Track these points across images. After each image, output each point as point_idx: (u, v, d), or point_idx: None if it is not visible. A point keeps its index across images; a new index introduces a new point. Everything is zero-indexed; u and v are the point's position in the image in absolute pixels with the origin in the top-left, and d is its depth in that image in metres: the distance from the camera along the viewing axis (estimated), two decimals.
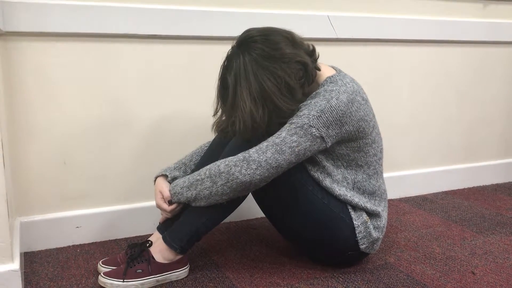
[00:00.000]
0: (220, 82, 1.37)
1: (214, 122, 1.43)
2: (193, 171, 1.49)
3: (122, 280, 1.33)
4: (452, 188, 2.34)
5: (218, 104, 1.39)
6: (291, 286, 1.38)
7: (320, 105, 1.28)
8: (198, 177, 1.33)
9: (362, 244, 1.41)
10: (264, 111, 1.28)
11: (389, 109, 2.12)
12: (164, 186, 1.42)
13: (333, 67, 1.43)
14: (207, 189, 1.30)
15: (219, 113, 1.40)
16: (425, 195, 2.25)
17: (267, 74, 1.28)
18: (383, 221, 1.45)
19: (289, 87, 1.30)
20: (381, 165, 1.46)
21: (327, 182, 1.37)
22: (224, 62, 1.36)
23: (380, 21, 1.98)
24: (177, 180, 1.40)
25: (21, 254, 1.45)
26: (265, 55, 1.28)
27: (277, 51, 1.28)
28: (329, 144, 1.30)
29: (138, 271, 1.35)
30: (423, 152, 2.25)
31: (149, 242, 1.42)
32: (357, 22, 1.94)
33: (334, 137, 1.30)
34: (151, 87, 1.68)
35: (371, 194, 1.43)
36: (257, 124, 1.28)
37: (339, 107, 1.28)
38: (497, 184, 2.43)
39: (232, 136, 1.37)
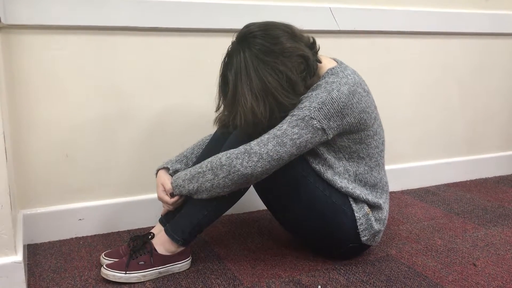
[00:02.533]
0: (221, 79, 1.37)
1: (216, 117, 1.43)
2: (194, 164, 1.49)
3: (124, 272, 1.34)
4: (454, 181, 2.33)
5: (220, 100, 1.39)
6: (292, 278, 1.39)
7: (321, 97, 1.28)
8: (199, 170, 1.33)
9: (363, 236, 1.41)
10: (265, 106, 1.28)
11: (391, 101, 2.11)
12: (165, 179, 1.43)
13: (334, 59, 1.42)
14: (209, 181, 1.30)
15: (221, 109, 1.40)
16: (427, 187, 2.25)
17: (268, 70, 1.27)
18: (385, 213, 1.45)
19: (290, 82, 1.29)
20: (383, 157, 1.46)
21: (328, 174, 1.37)
22: (224, 58, 1.35)
23: (382, 13, 1.97)
24: (178, 172, 1.41)
25: (24, 246, 1.46)
26: (266, 50, 1.27)
27: (278, 46, 1.28)
28: (331, 136, 1.30)
29: (140, 263, 1.36)
30: (425, 144, 2.25)
31: (151, 234, 1.43)
32: (359, 14, 1.93)
33: (335, 129, 1.30)
34: (152, 79, 1.68)
35: (372, 186, 1.43)
36: (258, 120, 1.28)
37: (340, 98, 1.28)
38: (499, 176, 2.43)
39: (233, 129, 1.37)
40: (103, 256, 1.45)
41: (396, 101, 2.13)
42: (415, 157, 2.23)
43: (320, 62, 1.38)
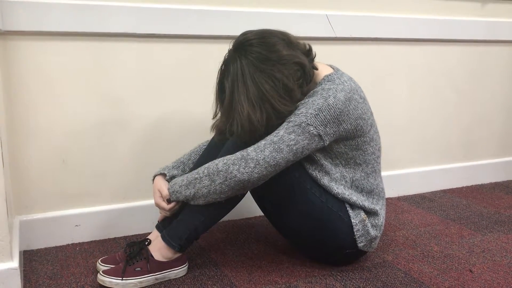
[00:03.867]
0: (218, 86, 1.37)
1: (213, 124, 1.44)
2: (191, 170, 1.49)
3: (121, 278, 1.34)
4: (451, 187, 2.34)
5: (217, 107, 1.39)
6: (289, 284, 1.38)
7: (318, 103, 1.28)
8: (196, 176, 1.33)
9: (360, 242, 1.41)
10: (262, 114, 1.28)
11: (387, 108, 2.12)
12: (162, 185, 1.43)
13: (330, 66, 1.43)
14: (206, 187, 1.30)
15: (218, 116, 1.41)
16: (423, 193, 2.25)
17: (264, 77, 1.28)
18: (381, 219, 1.45)
19: (287, 89, 1.30)
20: (379, 163, 1.46)
21: (325, 180, 1.37)
22: (221, 66, 1.36)
23: (378, 20, 1.98)
24: (175, 178, 1.41)
25: (20, 252, 1.45)
26: (262, 58, 1.28)
27: (274, 54, 1.29)
28: (327, 142, 1.31)
29: (137, 269, 1.36)
30: (421, 150, 2.25)
31: (148, 240, 1.43)
32: (355, 21, 1.94)
33: (332, 135, 1.30)
34: (149, 86, 1.69)
35: (369, 192, 1.43)
36: (255, 127, 1.28)
37: (336, 105, 1.28)
38: (495, 183, 2.44)
39: (230, 136, 1.38)
40: (100, 262, 1.45)
41: (392, 107, 2.13)
42: (412, 163, 2.24)
43: (316, 69, 1.39)
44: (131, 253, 1.39)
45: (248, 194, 1.44)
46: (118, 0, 1.58)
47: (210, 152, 1.48)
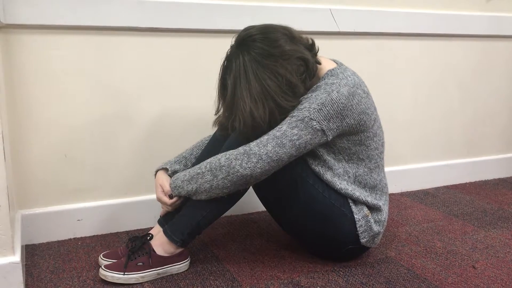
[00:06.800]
0: (220, 83, 1.36)
1: (216, 119, 1.43)
2: (193, 164, 1.49)
3: (122, 273, 1.34)
4: (454, 183, 2.33)
5: (219, 103, 1.39)
6: (291, 279, 1.38)
7: (321, 98, 1.27)
8: (198, 171, 1.32)
9: (362, 238, 1.41)
10: (264, 109, 1.27)
11: (391, 103, 2.11)
12: (164, 180, 1.42)
13: (334, 60, 1.42)
14: (208, 182, 1.30)
15: (220, 112, 1.40)
16: (426, 189, 2.24)
17: (267, 73, 1.27)
18: (384, 215, 1.45)
19: (290, 84, 1.29)
20: (383, 158, 1.46)
21: (328, 175, 1.37)
22: (223, 62, 1.35)
23: (382, 14, 1.97)
24: (177, 173, 1.40)
25: (22, 246, 1.45)
26: (265, 54, 1.27)
27: (277, 49, 1.28)
28: (330, 137, 1.30)
29: (138, 264, 1.36)
30: (425, 146, 2.24)
31: (150, 235, 1.42)
32: (359, 16, 1.93)
33: (335, 130, 1.30)
34: (152, 80, 1.68)
35: (372, 188, 1.42)
36: (257, 123, 1.28)
37: (339, 100, 1.28)
38: (499, 179, 2.43)
39: (232, 132, 1.37)
40: (102, 257, 1.45)
41: (396, 102, 2.12)
42: (415, 159, 2.23)
43: (319, 63, 1.38)
44: (133, 247, 1.39)
45: (251, 189, 1.43)
46: None
47: (213, 147, 1.48)
